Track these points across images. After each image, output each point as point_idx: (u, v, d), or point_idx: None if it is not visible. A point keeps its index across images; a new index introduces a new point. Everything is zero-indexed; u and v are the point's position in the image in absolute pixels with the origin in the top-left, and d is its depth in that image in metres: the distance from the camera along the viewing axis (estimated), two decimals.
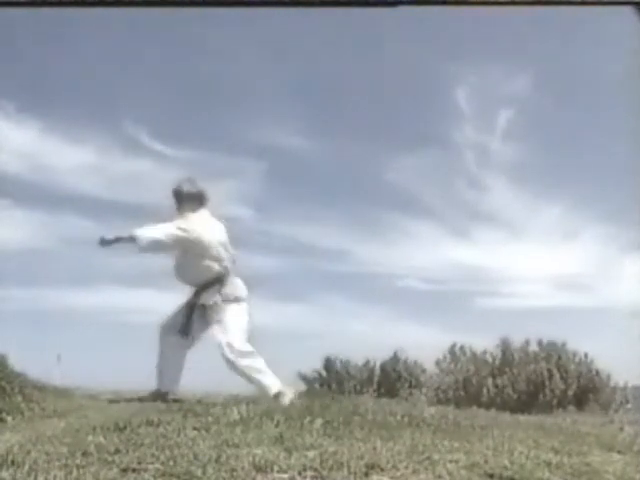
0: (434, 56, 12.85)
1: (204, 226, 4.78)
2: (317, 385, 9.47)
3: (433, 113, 13.85)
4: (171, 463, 2.20)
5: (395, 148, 14.41)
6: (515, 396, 7.98)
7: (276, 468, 2.17)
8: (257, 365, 4.63)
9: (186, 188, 4.82)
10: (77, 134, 12.80)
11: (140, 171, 12.73)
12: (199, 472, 2.10)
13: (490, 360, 8.67)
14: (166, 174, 13.45)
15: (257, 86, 13.34)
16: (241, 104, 13.54)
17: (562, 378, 8.06)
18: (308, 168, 14.40)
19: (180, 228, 4.69)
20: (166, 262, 4.81)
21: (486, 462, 2.39)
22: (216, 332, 4.70)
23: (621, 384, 8.57)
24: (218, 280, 4.76)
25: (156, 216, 4.78)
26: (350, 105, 13.72)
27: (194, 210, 4.80)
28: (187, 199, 4.81)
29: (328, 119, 14.22)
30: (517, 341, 8.69)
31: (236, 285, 4.83)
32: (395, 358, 9.68)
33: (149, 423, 2.96)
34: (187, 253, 4.75)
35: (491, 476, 2.23)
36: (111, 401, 4.72)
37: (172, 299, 4.86)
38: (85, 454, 2.33)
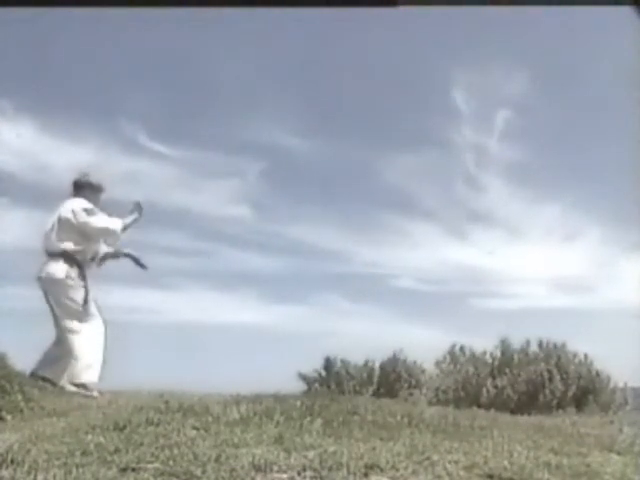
0: (433, 56, 12.84)
1: None
2: (317, 385, 9.47)
3: (431, 113, 13.83)
4: (171, 462, 2.20)
5: (393, 148, 14.39)
6: (515, 397, 7.96)
7: (276, 468, 2.17)
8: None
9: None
10: (75, 133, 12.78)
11: (139, 171, 12.69)
12: (199, 472, 2.10)
13: (490, 361, 8.64)
14: (165, 174, 13.46)
15: (256, 85, 13.34)
16: (240, 104, 13.53)
17: (562, 379, 8.05)
18: (307, 168, 14.38)
19: None
20: (166, 262, 4.81)
21: (485, 463, 2.39)
22: None
23: (621, 385, 8.55)
24: None
25: (154, 215, 4.81)
26: (349, 105, 13.72)
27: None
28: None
29: (327, 119, 14.21)
30: (517, 342, 8.67)
31: None
32: (395, 358, 9.67)
33: (149, 422, 2.96)
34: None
35: (490, 477, 2.24)
36: (111, 401, 4.72)
37: (172, 299, 4.86)
38: (84, 453, 2.33)
